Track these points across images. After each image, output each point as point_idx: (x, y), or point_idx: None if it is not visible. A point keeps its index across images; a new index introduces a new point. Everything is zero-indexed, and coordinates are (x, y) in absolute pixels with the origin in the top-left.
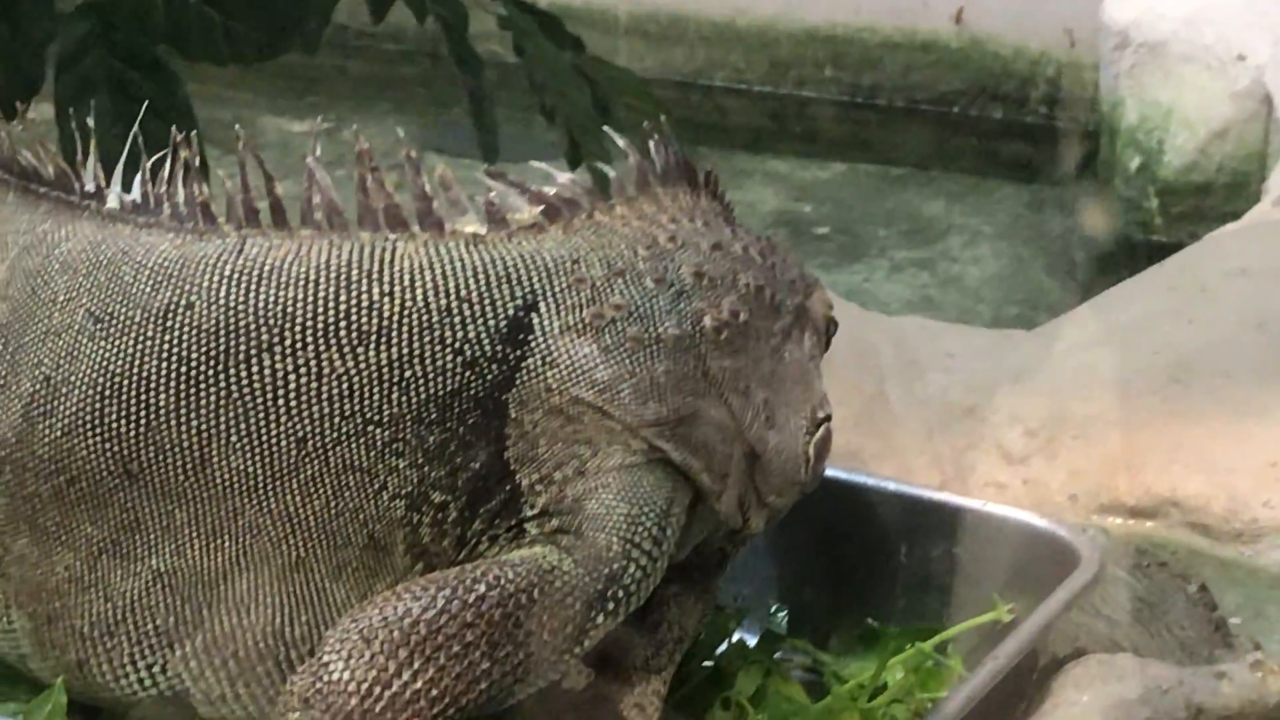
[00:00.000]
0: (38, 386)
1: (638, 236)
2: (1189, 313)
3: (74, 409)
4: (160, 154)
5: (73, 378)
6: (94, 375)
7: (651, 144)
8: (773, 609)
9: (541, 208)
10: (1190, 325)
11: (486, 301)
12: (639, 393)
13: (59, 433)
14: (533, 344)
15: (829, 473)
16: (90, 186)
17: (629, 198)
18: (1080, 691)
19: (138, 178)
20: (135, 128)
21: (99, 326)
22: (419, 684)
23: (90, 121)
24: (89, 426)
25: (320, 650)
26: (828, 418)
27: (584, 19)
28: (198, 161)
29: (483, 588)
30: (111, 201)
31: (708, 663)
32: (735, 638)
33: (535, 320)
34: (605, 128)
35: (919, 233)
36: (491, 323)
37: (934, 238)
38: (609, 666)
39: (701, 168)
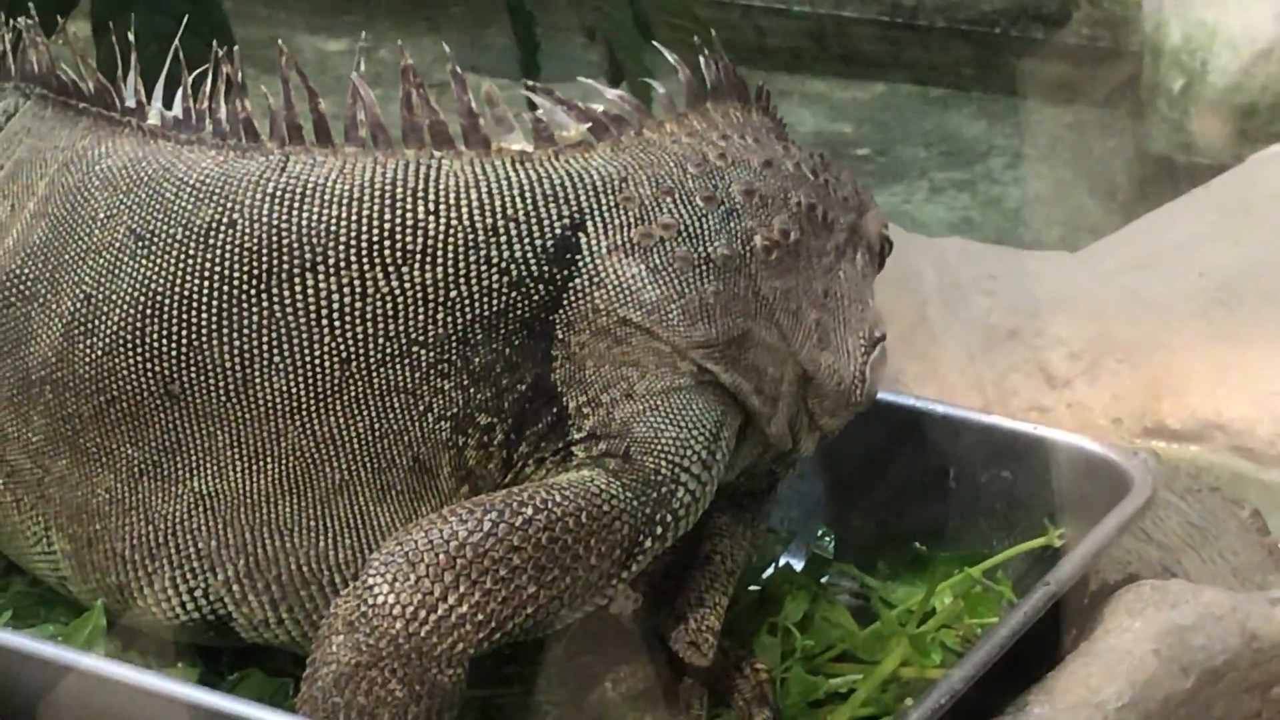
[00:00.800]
0: (78, 305)
1: (687, 154)
2: (1234, 234)
3: (115, 328)
4: (201, 70)
5: (114, 296)
6: (135, 294)
7: (701, 59)
8: (819, 533)
9: (589, 125)
10: (1235, 247)
11: (533, 220)
12: (688, 314)
13: (100, 352)
14: (580, 264)
15: (880, 395)
16: (131, 102)
17: (678, 114)
18: (1133, 618)
19: (179, 94)
20: (176, 43)
21: (140, 244)
22: (464, 608)
23: (118, 30)
24: (130, 346)
25: (364, 573)
26: (883, 337)
27: None
28: (239, 78)
29: (530, 511)
30: (153, 118)
31: (754, 587)
32: (781, 562)
33: (583, 240)
34: (654, 42)
35: (959, 154)
36: (538, 242)
37: (974, 159)
38: (663, 603)
39: (752, 84)
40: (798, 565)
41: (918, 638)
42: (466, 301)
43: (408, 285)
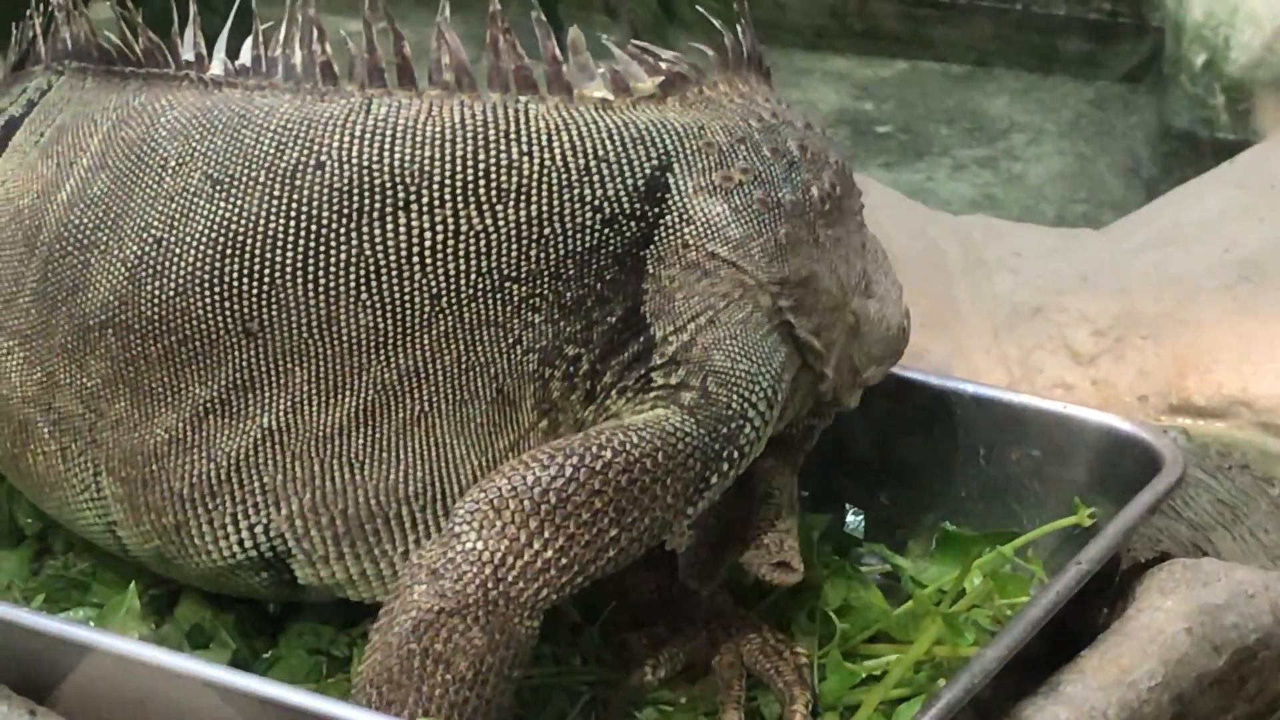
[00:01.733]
0: (146, 248)
1: (747, 111)
2: (1259, 210)
3: (188, 269)
4: (269, 24)
5: (187, 238)
6: (212, 235)
7: (739, 28)
8: (850, 514)
9: (660, 79)
10: (1260, 223)
11: (624, 161)
12: (766, 252)
13: (171, 292)
14: (670, 202)
15: (906, 374)
16: (190, 56)
17: (727, 77)
18: (1164, 596)
19: (248, 43)
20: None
21: (217, 188)
22: (550, 553)
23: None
24: (206, 285)
25: (450, 522)
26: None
27: None
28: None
29: (609, 454)
30: (215, 68)
31: None
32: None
33: (670, 180)
34: (698, 6)
35: (981, 131)
36: (629, 181)
37: (996, 136)
38: (736, 539)
39: (759, 54)
40: (827, 547)
41: (951, 617)
42: (560, 238)
43: (502, 223)
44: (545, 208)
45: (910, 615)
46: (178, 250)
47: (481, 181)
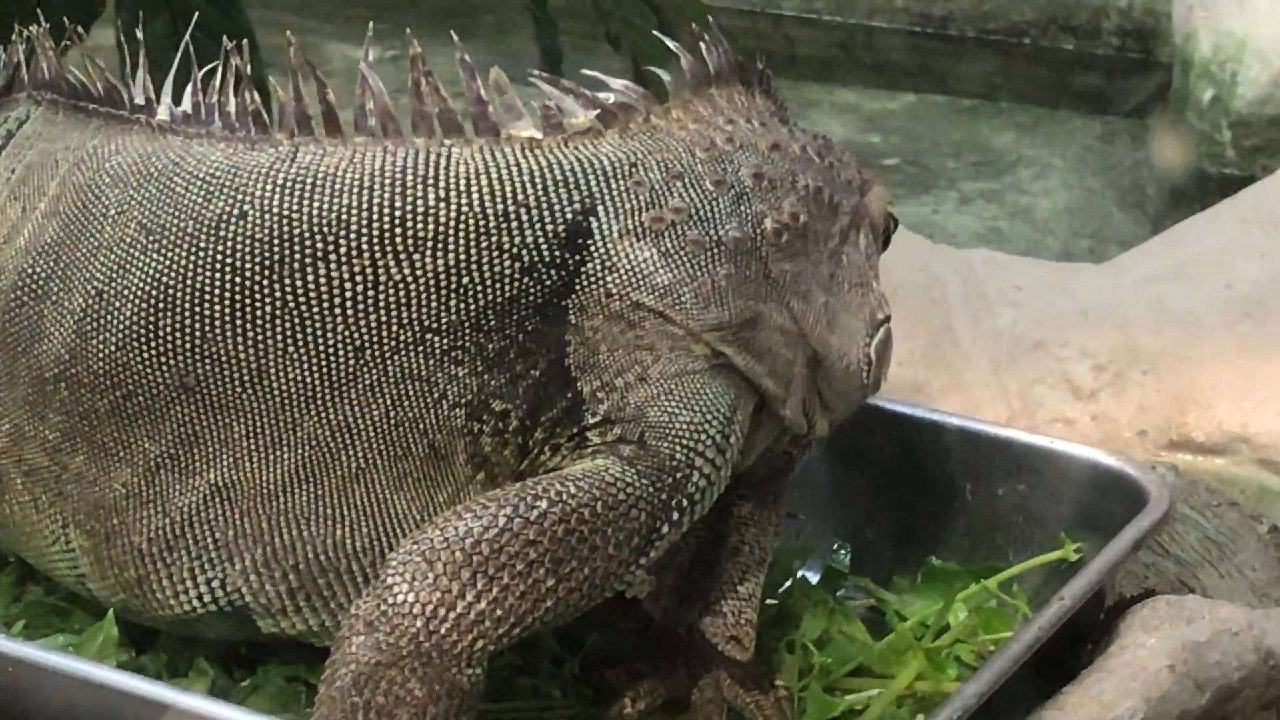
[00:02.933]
0: (90, 301)
1: (695, 139)
2: (1261, 247)
3: (128, 322)
4: (210, 66)
5: (125, 291)
6: (147, 288)
7: (703, 45)
8: (835, 547)
9: (596, 112)
10: (1262, 260)
11: (544, 206)
12: (700, 297)
13: (113, 347)
14: (592, 248)
15: (894, 408)
16: (140, 100)
17: (684, 101)
18: (1148, 633)
19: (188, 89)
20: (186, 39)
21: (151, 239)
22: (483, 604)
23: (140, 36)
24: (143, 340)
25: (383, 572)
26: (887, 319)
27: None
28: (247, 71)
29: (544, 504)
30: (162, 114)
31: (771, 601)
32: (798, 575)
33: (594, 224)
34: (654, 32)
35: (988, 164)
36: (549, 227)
37: (1003, 169)
38: (696, 599)
39: (753, 67)
40: (814, 579)
41: (933, 652)
42: (479, 288)
43: (419, 272)
44: (463, 256)
45: (892, 649)
46: (117, 303)
47: (398, 229)
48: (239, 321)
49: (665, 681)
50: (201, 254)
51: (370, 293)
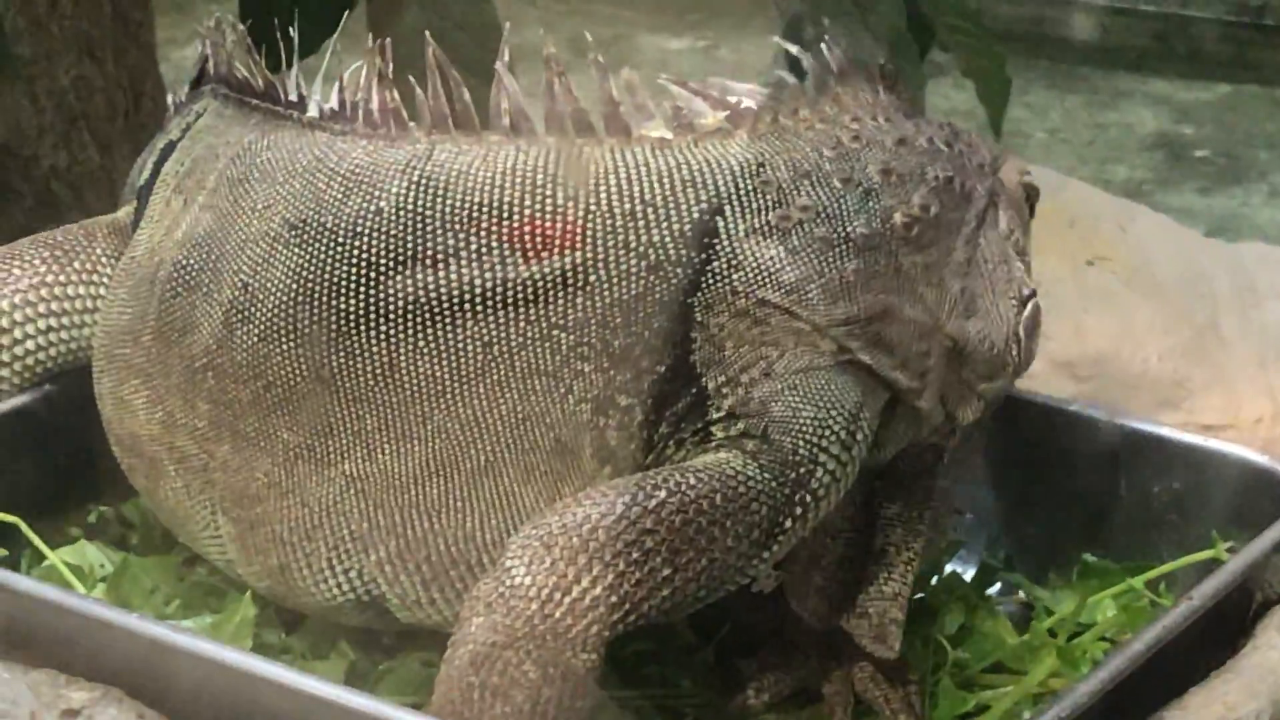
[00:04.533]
0: (237, 293)
1: (822, 139)
2: None
3: (270, 315)
4: (357, 65)
5: (269, 284)
6: (288, 281)
7: (823, 46)
8: (991, 542)
9: (726, 114)
10: None
11: (671, 205)
12: (828, 293)
13: (255, 338)
14: (717, 247)
15: (1051, 403)
16: (294, 96)
17: (811, 100)
18: None
19: (335, 87)
20: (335, 36)
21: (293, 233)
22: (598, 590)
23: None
24: (283, 332)
25: (503, 556)
26: (1033, 294)
27: None
28: (389, 70)
29: (663, 494)
30: (311, 110)
31: (919, 595)
32: (948, 570)
33: (720, 224)
34: (775, 39)
35: None
36: (676, 226)
37: None
38: (844, 597)
39: (875, 65)
40: (969, 574)
41: (1067, 649)
42: (605, 285)
43: (547, 270)
44: (590, 254)
45: (1028, 647)
46: (260, 295)
47: (527, 227)
48: (373, 316)
49: (796, 673)
50: (339, 249)
51: (499, 289)
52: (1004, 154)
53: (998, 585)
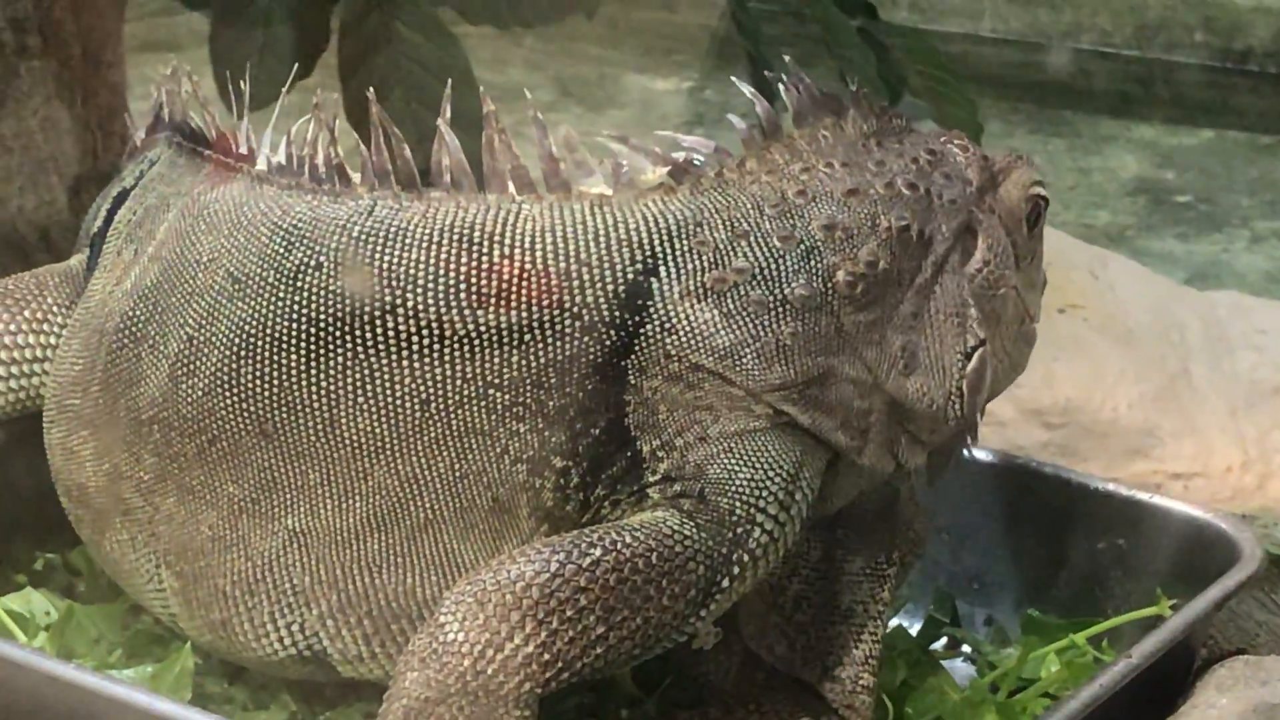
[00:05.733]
0: (182, 346)
1: (765, 194)
2: None
3: (214, 369)
4: (305, 118)
5: (213, 338)
6: (232, 335)
7: (780, 86)
8: (938, 597)
9: (667, 169)
10: None
11: (606, 266)
12: (763, 357)
13: (200, 392)
14: (651, 309)
15: (996, 460)
16: (244, 149)
17: (759, 150)
18: (1221, 693)
19: (283, 141)
20: (285, 88)
21: (237, 287)
22: (530, 647)
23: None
24: (227, 386)
25: (437, 612)
26: (981, 344)
27: None
28: (334, 125)
29: (598, 551)
30: (260, 163)
31: None
32: (895, 624)
33: (655, 285)
34: (733, 78)
35: None
36: (610, 287)
37: None
38: (813, 657)
39: (847, 92)
40: (914, 628)
41: (1008, 705)
42: (540, 345)
43: (483, 328)
44: (525, 313)
45: (969, 702)
46: (205, 349)
47: (463, 285)
48: (314, 371)
49: None
50: (281, 303)
51: (436, 347)
52: (1013, 164)
53: (943, 640)
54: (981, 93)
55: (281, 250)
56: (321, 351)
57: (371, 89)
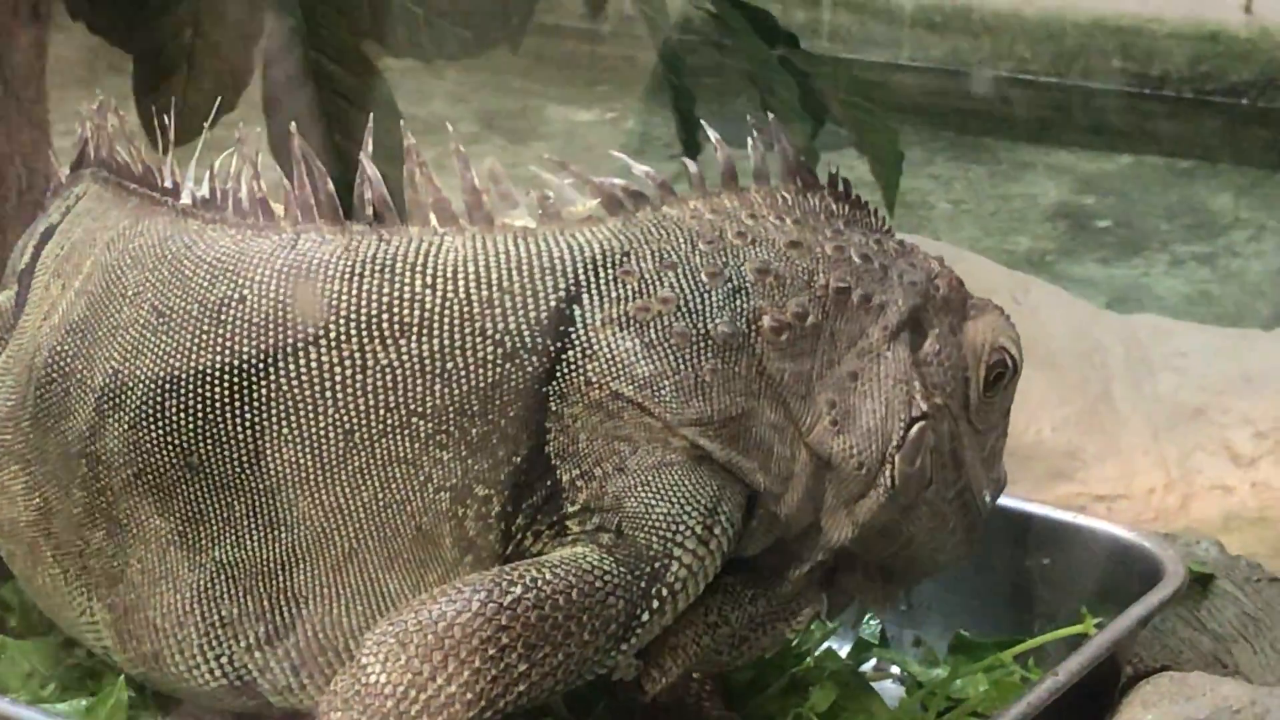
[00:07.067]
0: (108, 380)
1: (702, 230)
2: None
3: (139, 403)
4: (229, 151)
5: (138, 372)
6: (157, 369)
7: (750, 141)
8: (866, 618)
9: (599, 200)
10: None
11: (528, 293)
12: (682, 390)
13: (126, 426)
14: (574, 336)
15: None
16: (169, 183)
17: (708, 192)
18: (1146, 710)
19: (206, 174)
20: (207, 123)
21: (161, 321)
22: (453, 687)
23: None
24: (153, 420)
25: (359, 653)
26: (922, 416)
27: (869, 10)
28: (258, 158)
29: (518, 590)
30: (185, 198)
31: (796, 670)
32: (824, 646)
33: (577, 312)
34: (702, 121)
35: (1202, 227)
36: (532, 314)
37: (1217, 232)
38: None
39: (827, 169)
40: (844, 649)
41: None
42: (462, 373)
43: (405, 358)
44: (447, 342)
45: None
46: (130, 383)
47: (385, 315)
48: (238, 404)
49: None
50: (205, 337)
51: (359, 377)
52: (991, 307)
53: (873, 660)
54: (902, 120)
55: (206, 284)
56: (246, 384)
57: (294, 122)
